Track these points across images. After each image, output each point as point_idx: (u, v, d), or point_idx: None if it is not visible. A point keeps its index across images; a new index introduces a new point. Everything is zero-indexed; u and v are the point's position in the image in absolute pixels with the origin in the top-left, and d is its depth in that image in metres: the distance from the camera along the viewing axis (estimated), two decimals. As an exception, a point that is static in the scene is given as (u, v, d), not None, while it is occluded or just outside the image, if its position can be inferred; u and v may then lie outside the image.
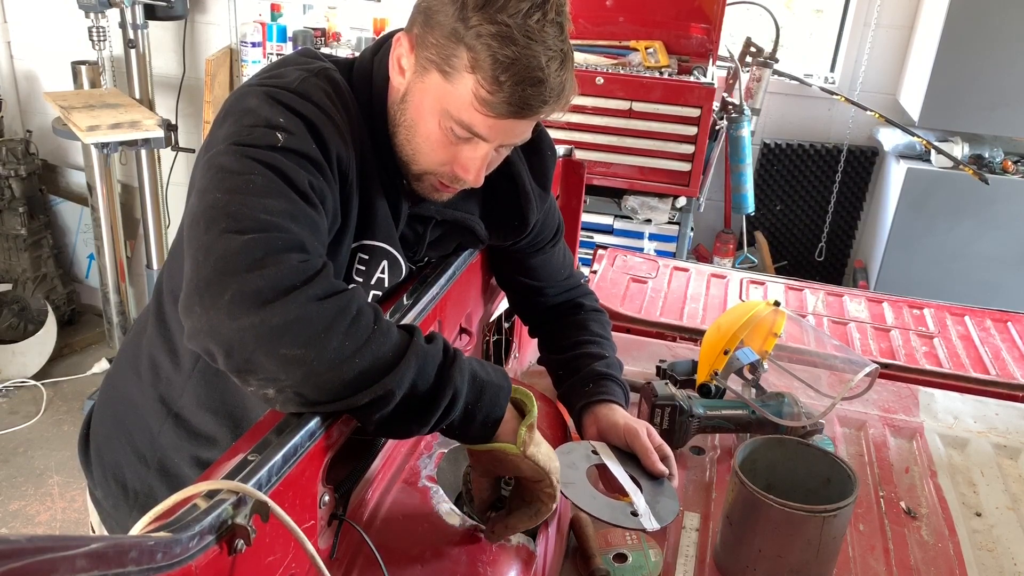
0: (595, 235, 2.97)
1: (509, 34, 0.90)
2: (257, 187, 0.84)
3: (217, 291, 0.77)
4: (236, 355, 0.77)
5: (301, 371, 0.77)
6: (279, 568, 0.76)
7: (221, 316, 0.77)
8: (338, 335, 0.79)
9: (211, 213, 0.82)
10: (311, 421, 0.81)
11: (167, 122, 2.94)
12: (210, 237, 0.80)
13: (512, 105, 0.93)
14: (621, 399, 1.26)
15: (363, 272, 1.09)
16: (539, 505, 0.96)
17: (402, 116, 1.02)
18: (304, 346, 0.77)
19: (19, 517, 2.75)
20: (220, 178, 0.85)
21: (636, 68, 2.88)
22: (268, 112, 0.91)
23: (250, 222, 0.81)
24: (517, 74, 0.91)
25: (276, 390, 0.79)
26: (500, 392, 0.92)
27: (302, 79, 0.96)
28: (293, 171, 0.87)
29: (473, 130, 0.97)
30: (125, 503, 1.18)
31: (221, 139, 0.90)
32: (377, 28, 3.34)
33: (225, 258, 0.78)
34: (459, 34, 0.91)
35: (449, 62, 0.93)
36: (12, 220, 3.52)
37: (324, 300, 0.79)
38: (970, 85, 2.92)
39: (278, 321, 0.76)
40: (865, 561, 1.23)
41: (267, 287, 0.77)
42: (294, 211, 0.84)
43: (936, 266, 3.13)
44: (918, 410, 1.65)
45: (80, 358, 3.67)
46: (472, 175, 1.01)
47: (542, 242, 1.33)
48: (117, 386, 1.22)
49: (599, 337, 1.36)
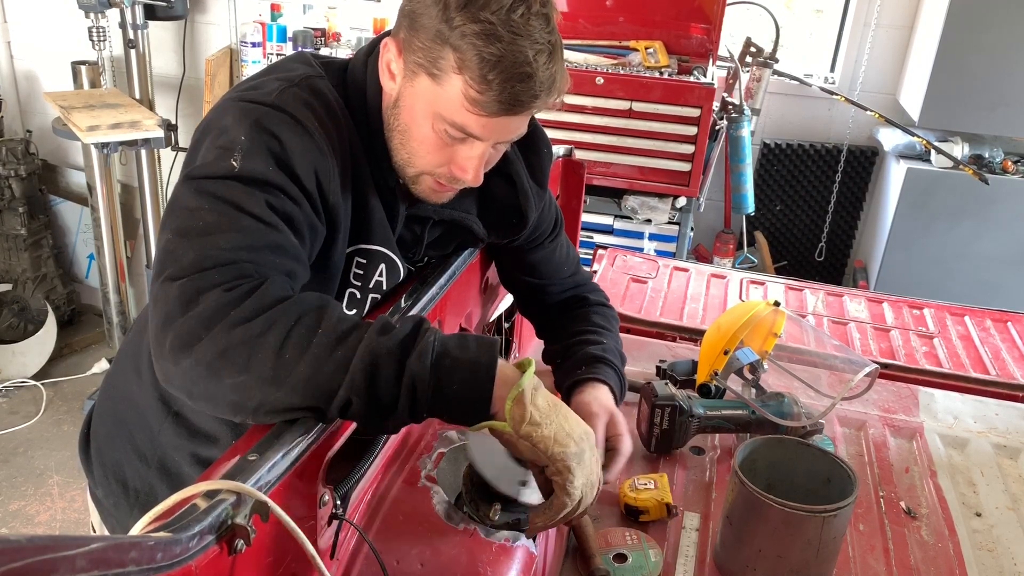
0: (595, 235, 2.97)
1: (493, 31, 0.89)
2: (205, 224, 0.85)
3: (162, 340, 0.81)
4: (196, 395, 0.81)
5: (257, 391, 0.79)
6: (279, 568, 0.76)
7: (168, 364, 0.81)
8: (270, 351, 0.80)
9: (160, 257, 0.86)
10: (311, 421, 0.81)
11: (167, 122, 2.94)
12: (157, 286, 0.84)
13: (503, 103, 0.92)
14: (611, 380, 1.20)
15: (360, 276, 1.09)
16: (552, 498, 0.92)
17: (395, 121, 1.02)
18: (244, 370, 0.79)
19: (19, 517, 2.75)
20: (174, 216, 0.88)
21: (636, 68, 2.88)
22: (237, 131, 0.91)
23: (189, 266, 0.83)
24: (505, 71, 0.90)
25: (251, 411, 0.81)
26: (478, 367, 0.85)
27: (280, 91, 0.96)
28: (246, 198, 0.87)
29: (466, 130, 0.96)
30: (126, 502, 1.18)
31: (186, 163, 0.94)
32: (377, 28, 3.33)
33: (165, 305, 0.82)
34: (444, 35, 0.91)
35: (436, 64, 0.92)
36: (12, 220, 3.52)
37: (251, 322, 0.80)
38: (970, 85, 2.91)
39: (211, 356, 0.79)
40: (865, 561, 1.23)
41: (197, 326, 0.80)
42: (244, 242, 0.85)
43: (936, 266, 3.13)
44: (918, 410, 1.65)
45: (80, 358, 3.67)
46: (471, 175, 1.01)
47: (540, 237, 1.33)
48: (117, 385, 1.22)
49: (600, 328, 1.32)
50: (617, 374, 1.24)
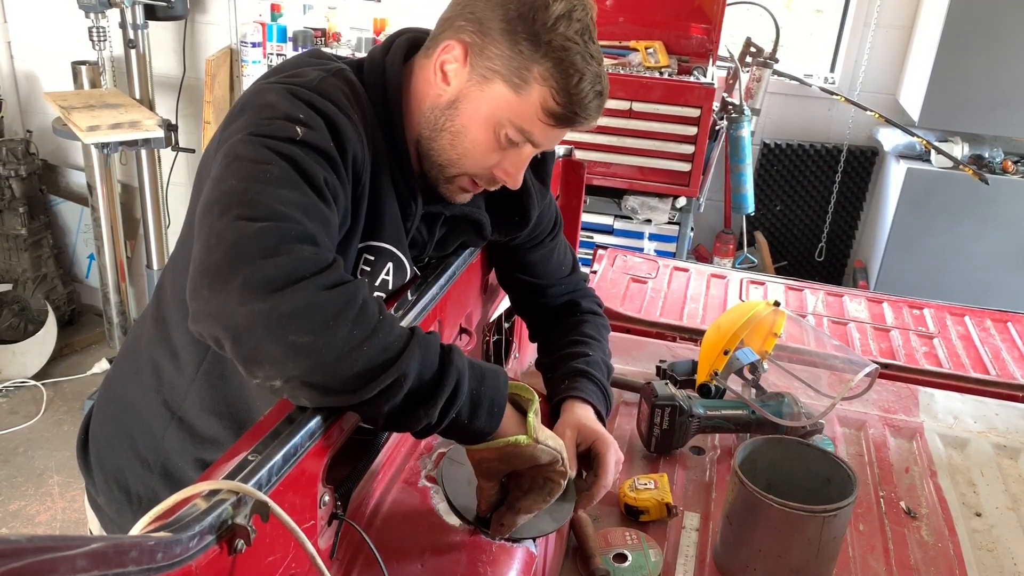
0: (595, 235, 2.97)
1: (580, 50, 0.97)
2: (273, 177, 0.84)
3: (227, 276, 0.77)
4: (244, 341, 0.77)
5: (309, 360, 0.77)
6: (279, 568, 0.76)
7: (231, 301, 0.77)
8: (346, 324, 0.79)
9: (226, 199, 0.82)
10: (311, 421, 0.81)
11: (167, 122, 2.94)
12: (223, 223, 0.80)
13: (579, 116, 1.00)
14: (594, 398, 1.21)
15: (367, 273, 1.09)
16: (551, 485, 0.98)
17: (448, 122, 1.03)
18: (313, 333, 0.77)
19: (19, 517, 2.75)
20: (236, 166, 0.85)
21: (636, 68, 2.88)
22: (288, 107, 0.91)
23: (264, 210, 0.81)
24: (587, 87, 0.98)
25: (283, 380, 0.79)
26: (499, 375, 0.93)
27: (321, 78, 0.97)
28: (309, 165, 0.87)
29: (531, 138, 1.02)
30: (129, 508, 1.16)
31: (238, 129, 0.90)
32: (377, 28, 3.33)
33: (238, 244, 0.79)
34: (530, 48, 0.97)
35: (519, 74, 0.98)
36: (12, 220, 3.52)
37: (333, 289, 0.80)
38: (970, 85, 2.91)
39: (287, 308, 0.76)
40: (865, 561, 1.23)
41: (278, 275, 0.77)
42: (308, 205, 0.85)
43: (936, 266, 3.13)
44: (918, 410, 1.65)
45: (80, 358, 3.67)
46: (515, 178, 1.07)
47: (540, 235, 1.33)
48: (117, 391, 1.21)
49: (588, 338, 1.33)
50: (597, 385, 1.24)
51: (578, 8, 0.98)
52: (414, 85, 1.06)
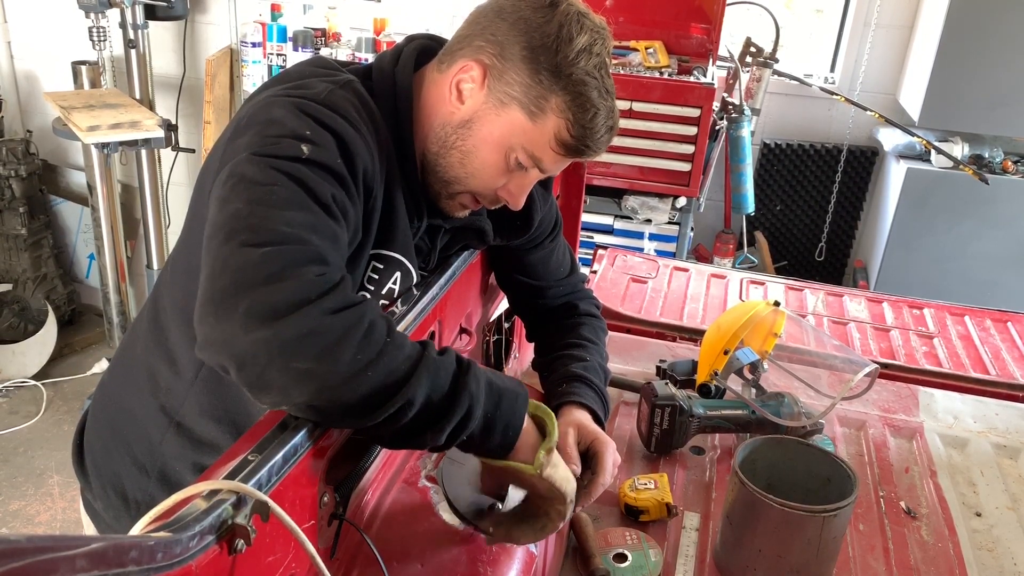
0: (595, 235, 2.97)
1: (598, 85, 1.00)
2: (279, 199, 0.83)
3: (232, 303, 0.77)
4: (249, 369, 0.76)
5: (314, 386, 0.77)
6: (279, 568, 0.76)
7: (235, 329, 0.76)
8: (350, 349, 0.78)
9: (231, 224, 0.81)
10: (312, 421, 0.81)
11: (167, 122, 2.94)
12: (228, 249, 0.80)
13: (589, 149, 1.03)
14: (592, 402, 1.21)
15: (375, 281, 1.08)
16: (546, 521, 0.97)
17: (460, 141, 1.03)
18: (316, 360, 0.76)
19: (19, 517, 2.75)
20: (241, 188, 0.84)
21: (636, 68, 2.88)
22: (294, 123, 0.89)
23: (269, 235, 0.80)
24: (602, 122, 1.01)
25: (290, 404, 0.79)
26: (517, 399, 0.92)
27: (330, 91, 0.95)
28: (316, 183, 0.86)
29: (540, 164, 1.04)
30: (127, 514, 1.15)
31: (243, 147, 0.88)
32: (377, 28, 3.33)
33: (242, 271, 0.78)
34: (551, 79, 0.98)
35: (537, 103, 0.99)
36: (12, 220, 3.52)
37: (337, 313, 0.78)
38: (970, 85, 2.91)
39: (290, 335, 0.75)
40: (865, 561, 1.23)
41: (282, 301, 0.76)
42: (315, 223, 0.84)
43: (936, 266, 3.13)
44: (918, 410, 1.65)
45: (80, 358, 3.67)
46: (517, 200, 1.09)
47: (540, 237, 1.33)
48: (112, 396, 1.20)
49: (586, 340, 1.33)
50: (596, 391, 1.24)
51: (598, 42, 1.01)
52: (424, 98, 1.06)
